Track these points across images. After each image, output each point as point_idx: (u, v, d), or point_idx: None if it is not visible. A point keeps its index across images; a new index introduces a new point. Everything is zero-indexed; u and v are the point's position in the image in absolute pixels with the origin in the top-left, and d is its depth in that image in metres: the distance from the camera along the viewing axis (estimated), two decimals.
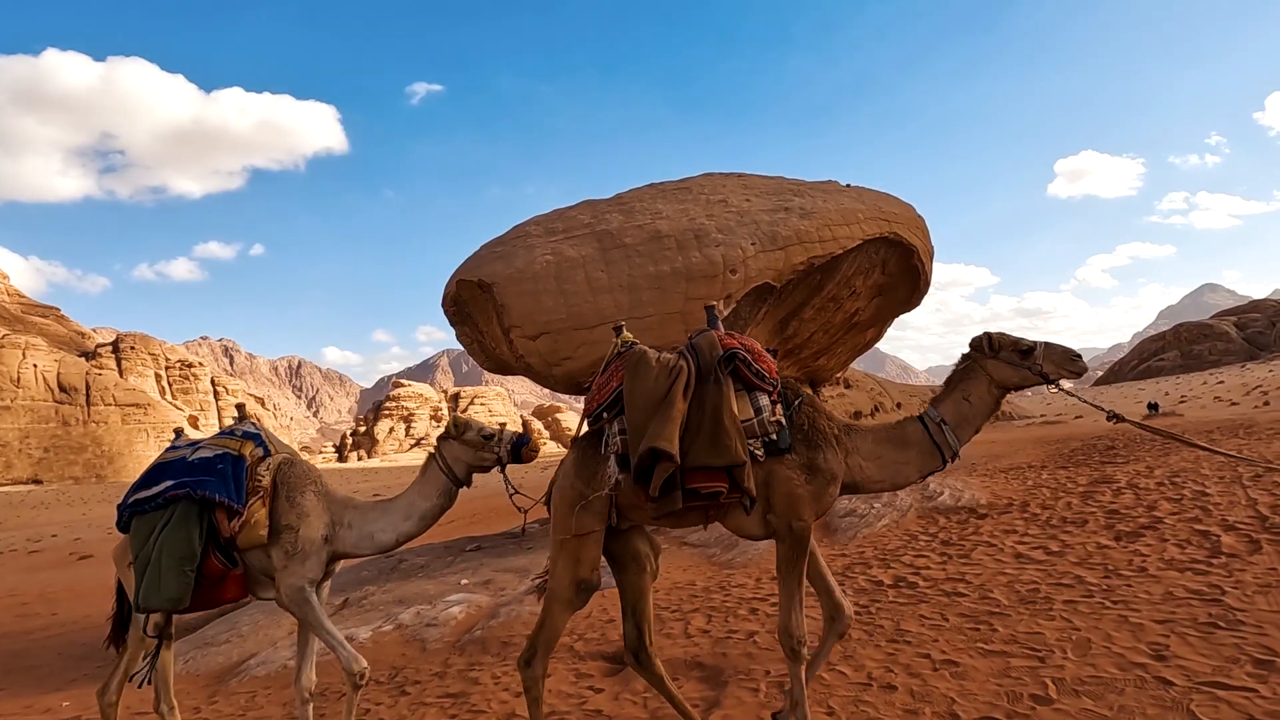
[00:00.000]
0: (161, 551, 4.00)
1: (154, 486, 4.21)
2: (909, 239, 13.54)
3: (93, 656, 9.22)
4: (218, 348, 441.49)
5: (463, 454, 4.29)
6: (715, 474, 3.40)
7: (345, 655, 4.08)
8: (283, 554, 4.13)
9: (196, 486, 4.12)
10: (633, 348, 3.77)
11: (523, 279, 11.51)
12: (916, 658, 4.58)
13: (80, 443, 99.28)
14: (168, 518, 4.09)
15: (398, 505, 4.35)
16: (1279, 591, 4.72)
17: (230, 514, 4.12)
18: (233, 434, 4.48)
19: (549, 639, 3.70)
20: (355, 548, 4.31)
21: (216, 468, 4.21)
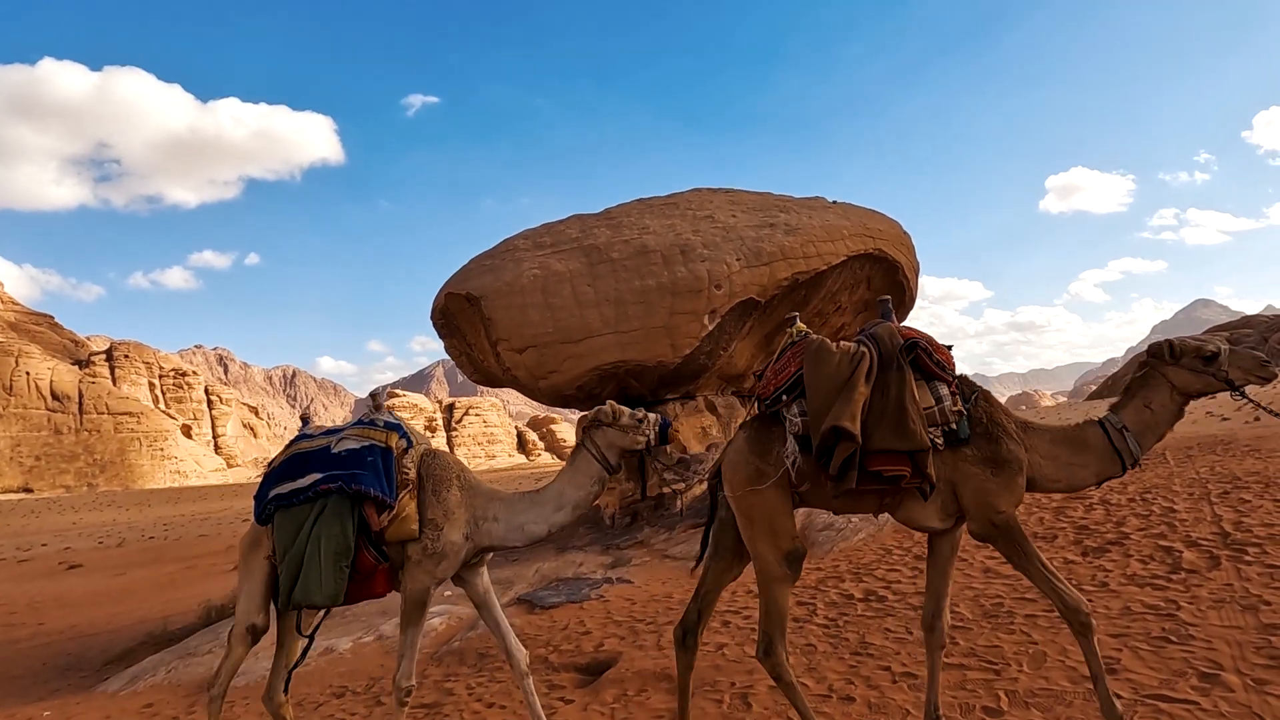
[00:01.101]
0: (318, 547, 3.91)
1: (300, 479, 4.10)
2: (894, 255, 13.71)
3: (78, 667, 9.27)
4: (212, 356, 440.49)
5: (617, 439, 4.18)
6: (898, 458, 3.47)
7: (406, 668, 4.05)
8: (421, 550, 4.06)
9: (350, 480, 4.01)
10: (807, 336, 3.87)
11: (510, 293, 11.65)
12: (877, 670, 4.70)
13: (72, 451, 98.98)
14: (319, 511, 4.00)
15: (547, 496, 4.28)
16: (1231, 607, 4.85)
17: (381, 508, 4.05)
18: (374, 424, 4.35)
19: (779, 621, 3.68)
20: (504, 540, 4.25)
21: (366, 460, 4.10)
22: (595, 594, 7.85)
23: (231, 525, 40.02)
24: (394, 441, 4.23)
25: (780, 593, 3.65)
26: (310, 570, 3.87)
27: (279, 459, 4.32)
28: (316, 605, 3.92)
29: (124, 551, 29.77)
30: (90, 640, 11.04)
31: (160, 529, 41.93)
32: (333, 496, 4.01)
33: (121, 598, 16.65)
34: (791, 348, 3.87)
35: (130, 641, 9.74)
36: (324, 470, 4.07)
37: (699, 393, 12.65)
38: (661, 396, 12.30)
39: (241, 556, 4.31)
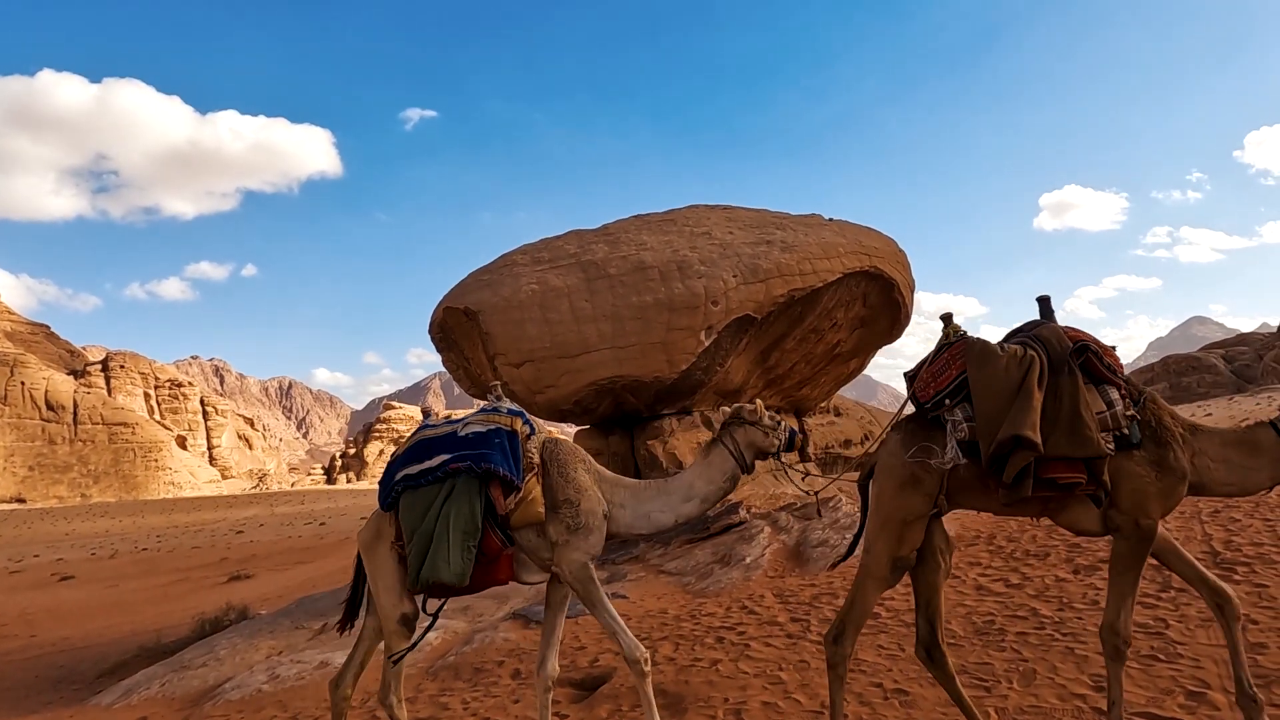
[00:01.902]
0: (447, 526, 3.89)
1: (427, 460, 4.09)
2: (889, 273, 13.82)
3: (70, 679, 9.25)
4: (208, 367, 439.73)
5: (758, 439, 4.16)
6: (1074, 465, 3.42)
7: (628, 642, 3.99)
8: (564, 529, 4.04)
9: (478, 460, 4.00)
10: (965, 336, 3.84)
11: (508, 307, 11.71)
12: (869, 686, 4.73)
13: (66, 461, 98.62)
14: (448, 491, 3.98)
15: (675, 487, 4.26)
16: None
17: (507, 490, 4.03)
18: (497, 410, 4.35)
19: (859, 616, 3.69)
20: (630, 528, 4.24)
21: (493, 441, 4.09)
22: None
23: (225, 537, 39.88)
24: (518, 426, 4.24)
25: (873, 593, 3.68)
26: (439, 548, 3.84)
27: (403, 446, 4.31)
28: (444, 583, 3.86)
29: (117, 563, 29.66)
30: (83, 652, 11.01)
31: (154, 540, 41.77)
32: (461, 476, 4.00)
33: (114, 609, 16.59)
34: (948, 349, 3.80)
35: (123, 654, 9.71)
36: (452, 451, 4.07)
37: (695, 408, 12.69)
38: (658, 412, 12.35)
39: (365, 553, 4.27)
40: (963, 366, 3.66)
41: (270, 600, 14.49)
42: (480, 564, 3.93)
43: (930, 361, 3.86)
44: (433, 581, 3.86)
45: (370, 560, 4.23)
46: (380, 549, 4.19)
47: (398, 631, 4.09)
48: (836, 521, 9.64)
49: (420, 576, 3.87)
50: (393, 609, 4.08)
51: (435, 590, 3.98)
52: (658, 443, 11.94)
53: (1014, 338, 3.85)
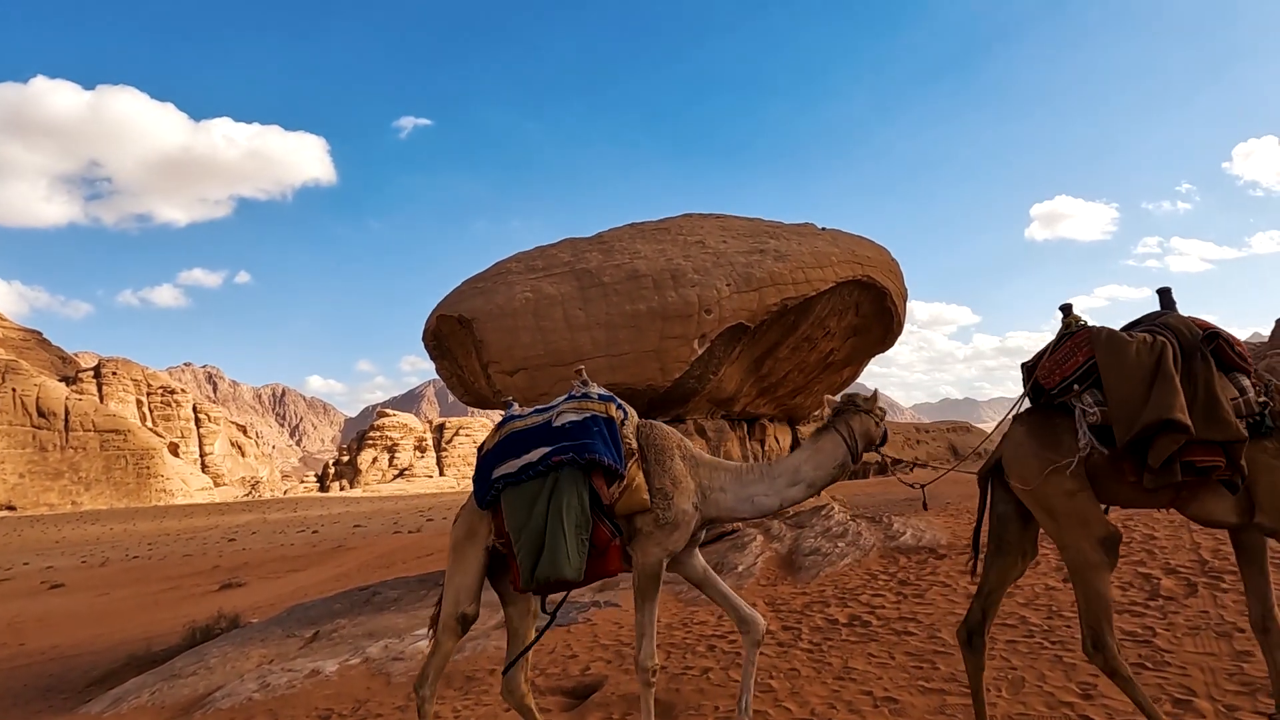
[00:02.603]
0: (560, 521, 3.79)
1: (527, 454, 3.98)
2: (882, 282, 13.87)
3: (59, 688, 9.21)
4: (201, 374, 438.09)
5: (870, 428, 4.09)
6: (1212, 449, 3.37)
7: (648, 649, 3.93)
8: (653, 521, 3.95)
9: (581, 450, 3.90)
10: (1086, 325, 3.79)
11: (502, 315, 11.73)
12: (859, 694, 4.75)
13: (57, 469, 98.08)
14: (552, 485, 3.88)
15: (781, 469, 4.16)
16: (1207, 634, 4.94)
17: (610, 478, 3.94)
18: (588, 396, 4.25)
19: (1104, 612, 3.48)
20: (732, 511, 4.15)
21: (593, 430, 3.99)
22: (582, 617, 7.87)
23: (217, 545, 39.68)
24: (613, 411, 4.16)
25: (1101, 580, 3.51)
26: (555, 545, 3.74)
27: (491, 441, 4.21)
28: (565, 579, 3.77)
29: (107, 571, 29.48)
30: (72, 661, 10.95)
31: (145, 548, 41.54)
32: (565, 469, 3.90)
33: (104, 618, 16.51)
34: (1070, 338, 3.75)
35: (113, 663, 9.67)
36: (551, 443, 3.96)
37: (688, 416, 12.72)
38: (652, 420, 12.38)
39: (454, 547, 4.19)
40: (1089, 353, 3.62)
41: (262, 608, 14.43)
42: (591, 556, 3.86)
43: (1052, 350, 3.80)
44: (554, 579, 3.76)
45: (455, 556, 4.16)
46: (471, 548, 4.11)
47: (453, 629, 4.05)
48: (829, 530, 9.67)
49: (537, 575, 3.76)
50: (455, 606, 4.04)
51: (552, 587, 3.88)
52: None
53: (1136, 327, 3.80)
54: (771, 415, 16.16)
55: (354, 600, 10.42)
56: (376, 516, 54.89)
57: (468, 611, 4.04)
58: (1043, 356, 3.84)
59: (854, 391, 4.35)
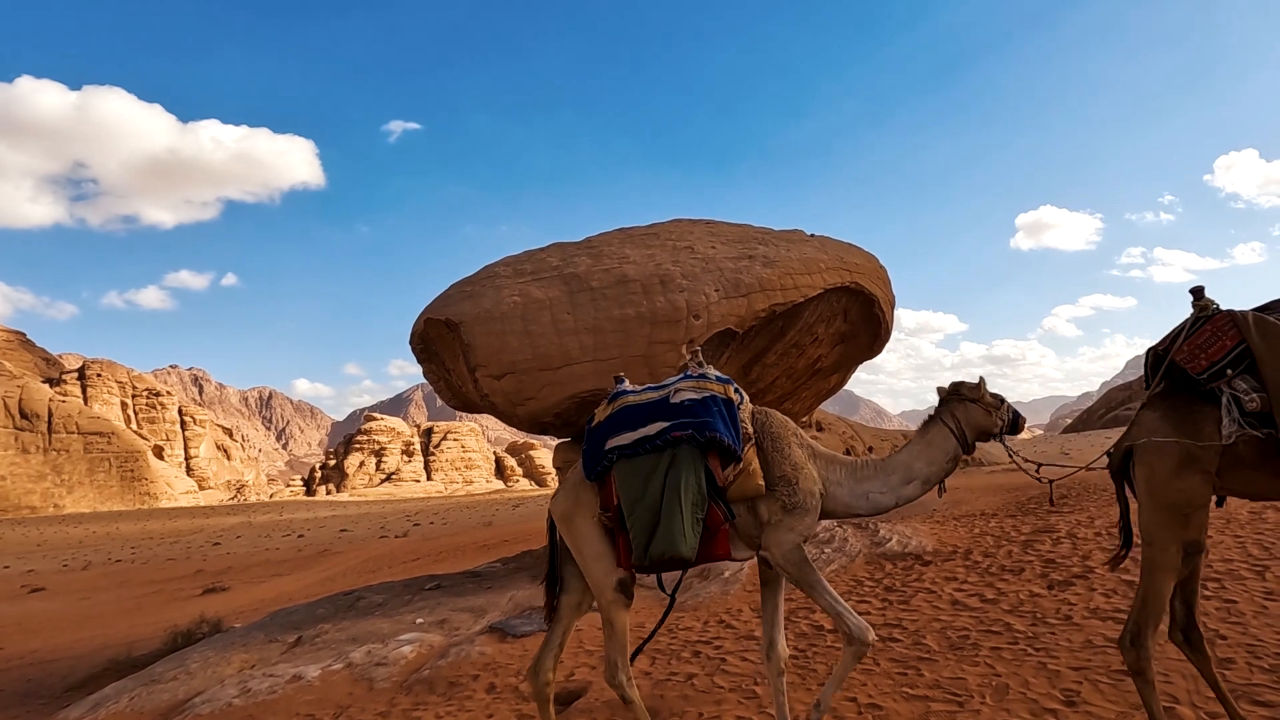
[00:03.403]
0: (677, 497, 3.67)
1: (642, 428, 3.86)
2: (870, 289, 13.92)
3: (37, 693, 9.09)
4: (187, 377, 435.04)
5: (979, 418, 3.95)
6: None
7: (854, 624, 3.73)
8: (779, 507, 3.82)
9: (701, 429, 3.78)
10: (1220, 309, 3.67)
11: (490, 319, 11.69)
12: (843, 701, 4.73)
13: (40, 471, 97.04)
14: (669, 461, 3.76)
15: (893, 466, 4.03)
16: None
17: (725, 461, 3.81)
18: (705, 376, 4.12)
19: (1157, 612, 3.49)
20: (847, 508, 4.02)
21: (712, 410, 3.87)
22: None
23: (201, 549, 39.35)
24: (731, 393, 4.04)
25: (1167, 583, 3.46)
26: (671, 521, 3.63)
27: (603, 414, 4.09)
28: (680, 557, 3.66)
29: (89, 575, 29.18)
30: (51, 666, 10.82)
31: (128, 552, 41.14)
32: (682, 445, 3.78)
33: (85, 622, 16.33)
34: (1209, 321, 3.62)
35: (92, 667, 9.55)
36: (669, 419, 3.85)
37: None
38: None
39: (564, 524, 4.07)
40: (1238, 336, 3.48)
41: (245, 613, 14.31)
42: (703, 537, 3.75)
43: (1188, 334, 3.64)
44: (668, 556, 3.65)
45: (571, 531, 4.03)
46: (583, 521, 3.98)
47: (616, 600, 3.89)
48: (815, 536, 9.67)
49: (650, 551, 3.66)
50: (608, 577, 3.89)
51: (664, 565, 3.74)
52: None
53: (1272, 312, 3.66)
54: None
55: (338, 605, 10.34)
56: (363, 521, 54.57)
57: (623, 577, 3.88)
58: (1175, 340, 3.68)
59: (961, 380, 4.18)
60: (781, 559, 3.80)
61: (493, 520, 40.79)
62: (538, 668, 4.16)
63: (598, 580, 3.92)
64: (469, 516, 47.83)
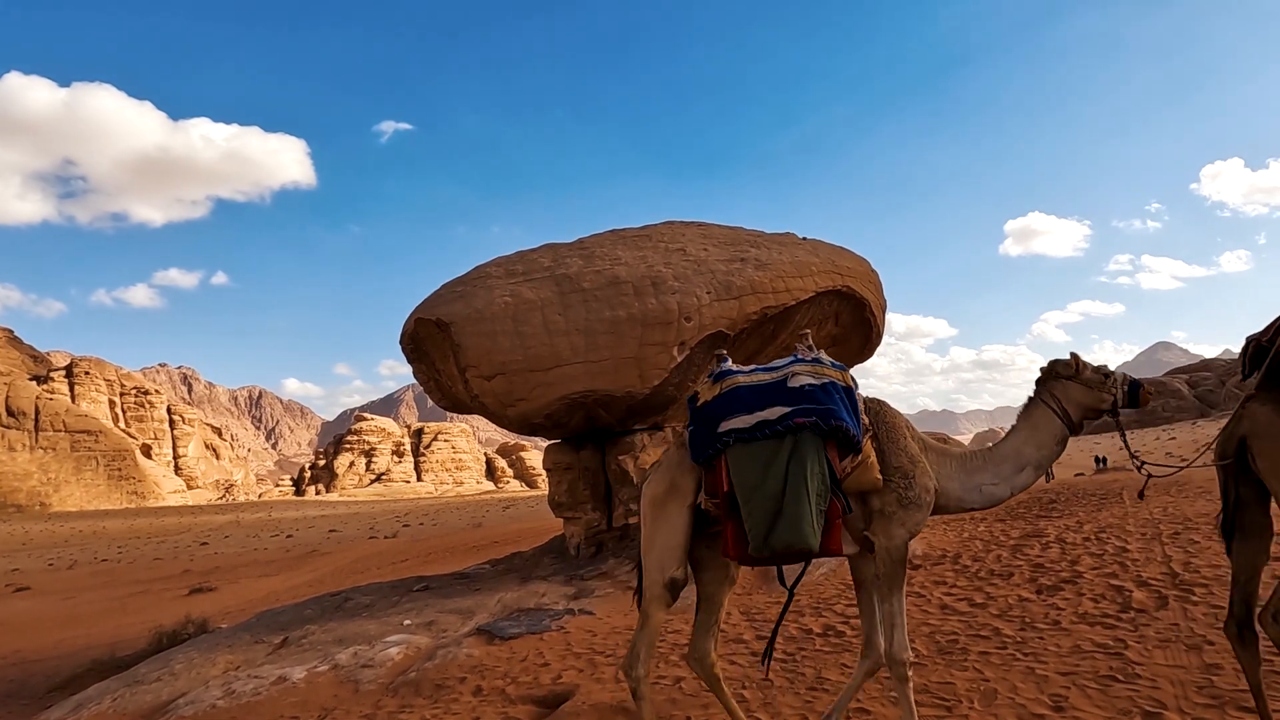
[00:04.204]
0: (802, 485, 3.51)
1: (761, 411, 3.68)
2: (861, 293, 13.94)
3: (20, 694, 9.01)
4: (176, 375, 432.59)
5: (1081, 395, 3.82)
6: None
7: (900, 640, 3.64)
8: (895, 500, 3.70)
9: (826, 416, 3.62)
10: None
11: (480, 319, 11.64)
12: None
13: (26, 469, 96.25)
14: (791, 447, 3.59)
15: (1003, 455, 3.91)
16: (1177, 646, 4.96)
17: (845, 451, 3.66)
18: (819, 361, 3.94)
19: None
20: (960, 502, 3.90)
21: (835, 397, 3.71)
22: (556, 625, 7.80)
23: (189, 548, 39.10)
24: (849, 380, 3.89)
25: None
26: (798, 510, 3.48)
27: (709, 394, 3.90)
28: (808, 548, 3.52)
29: (75, 574, 28.95)
30: (34, 666, 10.72)
31: (115, 551, 40.85)
32: (804, 432, 3.62)
33: (69, 622, 16.19)
34: None
35: (76, 668, 9.47)
36: (790, 404, 3.68)
37: (667, 424, 12.69)
38: (630, 427, 12.32)
39: (653, 507, 3.92)
40: None
41: (232, 614, 14.21)
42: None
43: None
44: (795, 548, 3.50)
45: (657, 515, 3.88)
46: (674, 506, 3.84)
47: (661, 596, 3.77)
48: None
49: (772, 541, 3.49)
50: (661, 571, 3.77)
51: (785, 556, 3.61)
52: (629, 458, 11.91)
53: None
54: None
55: (325, 606, 10.27)
56: (352, 521, 54.34)
57: (676, 576, 3.75)
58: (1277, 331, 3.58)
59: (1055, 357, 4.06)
60: (887, 551, 3.69)
61: (482, 522, 40.69)
62: (699, 652, 4.04)
63: (653, 569, 3.81)
64: (459, 518, 47.69)
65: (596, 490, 12.27)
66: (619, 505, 12.01)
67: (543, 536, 16.54)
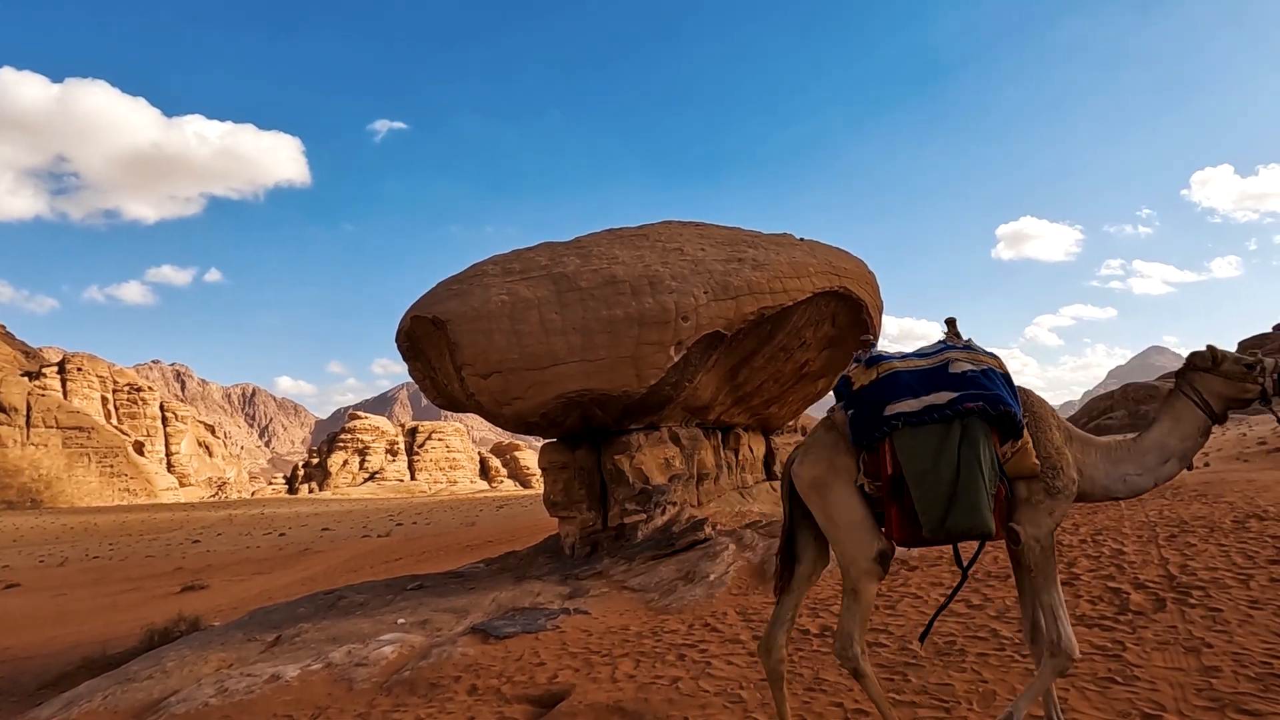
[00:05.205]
0: (977, 470, 3.51)
1: (925, 396, 3.69)
2: (858, 293, 13.94)
3: (10, 692, 8.94)
4: (169, 372, 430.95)
5: (1221, 387, 3.79)
6: None
7: (1067, 633, 3.60)
8: (1043, 489, 3.69)
9: (995, 402, 3.63)
10: None
11: (477, 318, 11.60)
12: (830, 707, 4.70)
13: (17, 465, 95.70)
14: (959, 432, 3.59)
15: (1146, 446, 3.88)
16: (1175, 649, 4.95)
17: (1006, 437, 3.67)
18: (971, 348, 3.93)
19: None
20: (1106, 491, 3.88)
21: (998, 383, 3.72)
22: (551, 624, 7.76)
23: (181, 546, 38.92)
24: (1004, 367, 3.87)
25: None
26: (975, 495, 3.47)
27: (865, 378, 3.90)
28: (984, 531, 3.50)
29: (65, 571, 28.79)
30: (24, 663, 10.64)
31: (106, 548, 40.64)
32: (972, 417, 3.62)
33: (60, 620, 16.09)
34: None
35: (66, 665, 9.40)
36: (957, 389, 3.68)
37: (663, 424, 12.66)
38: (625, 426, 12.29)
39: (816, 490, 3.84)
40: None
41: (224, 612, 14.13)
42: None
43: None
44: (973, 531, 3.50)
45: (824, 497, 3.82)
46: (840, 486, 3.79)
47: (871, 571, 3.70)
48: None
49: (948, 524, 3.49)
50: (865, 546, 3.70)
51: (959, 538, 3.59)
52: (625, 457, 11.89)
53: None
54: (746, 425, 16.16)
55: (318, 604, 10.21)
56: (346, 520, 54.17)
57: (882, 548, 3.70)
58: None
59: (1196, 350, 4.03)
60: (1035, 541, 3.67)
61: (476, 521, 40.59)
62: (770, 645, 4.00)
63: (853, 549, 3.74)
64: (453, 517, 47.56)
65: (592, 490, 12.23)
66: (614, 505, 11.98)
67: (537, 536, 16.51)
